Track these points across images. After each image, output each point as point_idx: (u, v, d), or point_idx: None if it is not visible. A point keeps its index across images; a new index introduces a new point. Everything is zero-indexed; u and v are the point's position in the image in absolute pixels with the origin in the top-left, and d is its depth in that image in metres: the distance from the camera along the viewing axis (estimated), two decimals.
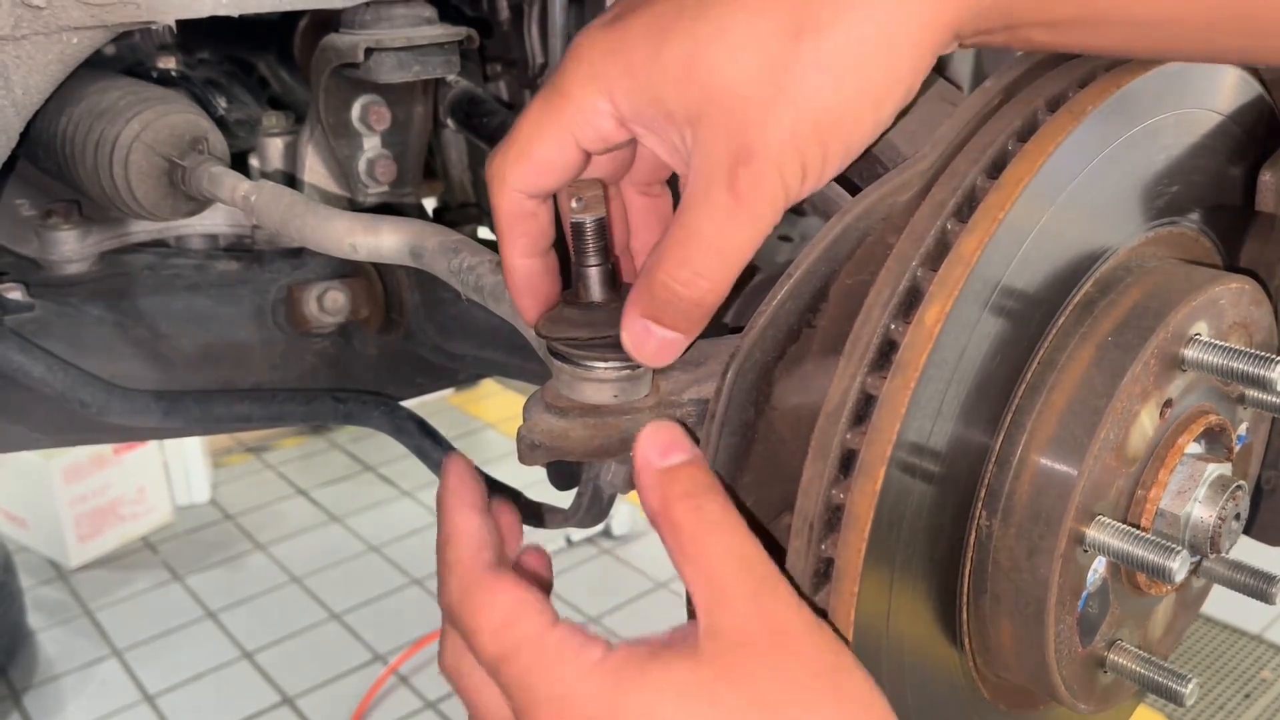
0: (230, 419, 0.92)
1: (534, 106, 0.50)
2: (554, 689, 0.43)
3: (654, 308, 0.48)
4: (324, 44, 0.86)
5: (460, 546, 0.50)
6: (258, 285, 0.95)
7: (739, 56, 0.44)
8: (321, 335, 0.97)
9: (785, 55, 0.43)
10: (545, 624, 0.45)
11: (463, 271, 0.62)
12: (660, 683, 0.42)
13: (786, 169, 0.45)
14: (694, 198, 0.46)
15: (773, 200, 0.45)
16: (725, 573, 0.44)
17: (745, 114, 0.44)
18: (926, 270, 0.48)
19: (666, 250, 0.47)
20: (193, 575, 3.10)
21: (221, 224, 0.97)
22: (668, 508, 0.45)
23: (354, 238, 0.67)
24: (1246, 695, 2.19)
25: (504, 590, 0.46)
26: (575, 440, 0.54)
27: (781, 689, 0.42)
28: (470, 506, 0.52)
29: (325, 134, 0.91)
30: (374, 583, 3.02)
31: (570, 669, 0.43)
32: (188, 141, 0.83)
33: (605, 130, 0.48)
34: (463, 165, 1.13)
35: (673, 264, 0.47)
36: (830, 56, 0.43)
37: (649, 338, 0.49)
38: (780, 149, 0.44)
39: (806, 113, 0.44)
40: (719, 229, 0.46)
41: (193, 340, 0.95)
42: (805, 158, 0.45)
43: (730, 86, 0.44)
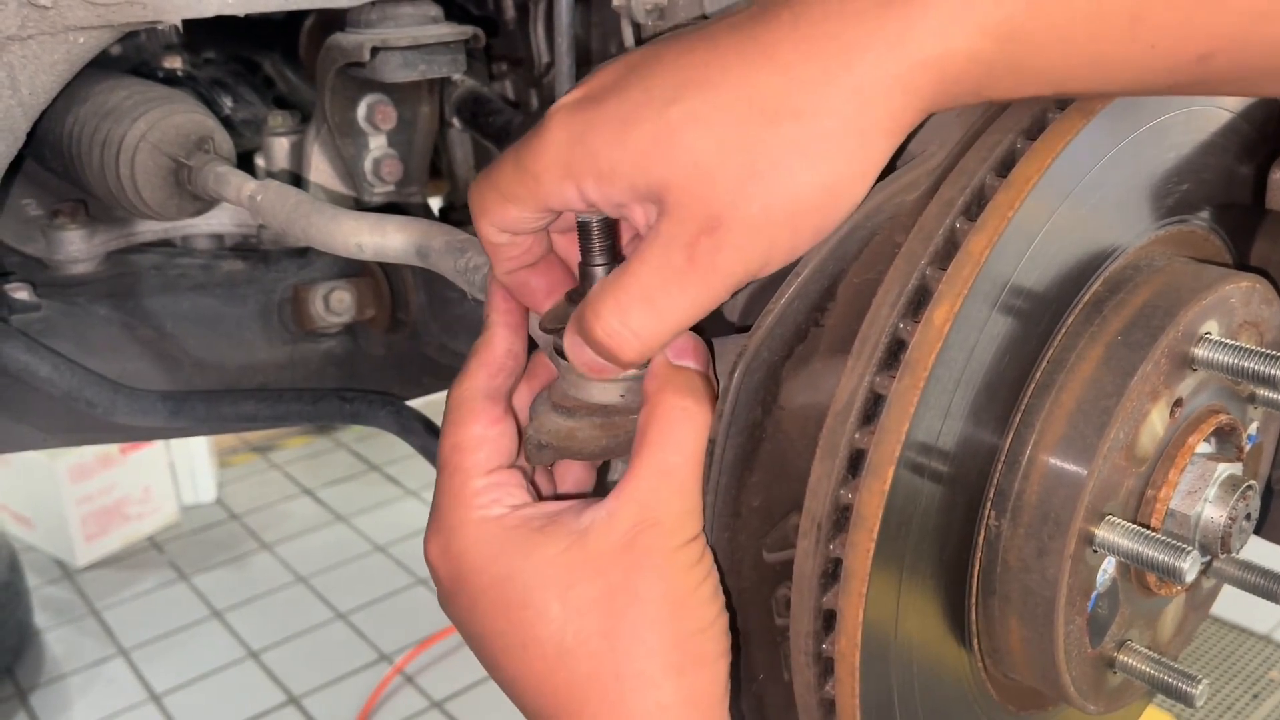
0: (236, 419, 0.92)
1: (506, 167, 0.49)
2: (451, 520, 0.50)
3: (582, 337, 0.48)
4: (329, 43, 0.86)
5: (480, 358, 0.55)
6: (264, 285, 0.95)
7: (711, 135, 0.43)
8: (328, 335, 0.97)
9: (760, 138, 0.43)
10: (477, 465, 0.51)
11: (468, 271, 0.62)
12: (534, 551, 0.48)
13: (751, 247, 0.44)
14: (648, 251, 0.45)
15: (728, 274, 0.45)
16: (653, 483, 0.47)
17: (716, 188, 0.43)
18: (935, 269, 0.47)
19: (604, 293, 0.47)
20: (199, 575, 3.11)
21: (227, 224, 0.97)
22: (661, 391, 0.48)
23: (360, 237, 0.67)
24: (1255, 695, 2.19)
25: (472, 420, 0.52)
26: (582, 440, 0.54)
27: (627, 597, 0.47)
28: (507, 325, 0.56)
29: (331, 133, 0.91)
30: (380, 582, 3.02)
31: (472, 513, 0.50)
32: (194, 141, 0.83)
33: (573, 206, 0.49)
34: (468, 164, 1.13)
35: (606, 308, 0.46)
36: (807, 143, 0.43)
37: (581, 355, 0.49)
38: (749, 226, 0.44)
39: (781, 195, 0.43)
40: (663, 288, 0.45)
41: (199, 340, 0.95)
42: (773, 239, 0.44)
43: (702, 162, 0.43)
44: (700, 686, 0.47)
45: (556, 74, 0.78)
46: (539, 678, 0.48)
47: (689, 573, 0.48)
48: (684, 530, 0.48)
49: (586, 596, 0.47)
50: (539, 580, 0.47)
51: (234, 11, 0.74)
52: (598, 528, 0.47)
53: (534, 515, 0.50)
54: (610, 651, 0.46)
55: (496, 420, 0.53)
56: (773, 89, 0.43)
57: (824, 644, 0.49)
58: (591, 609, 0.47)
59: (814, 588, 0.48)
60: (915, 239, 0.48)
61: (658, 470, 0.48)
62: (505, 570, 0.48)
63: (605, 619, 0.47)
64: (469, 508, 0.50)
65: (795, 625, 0.50)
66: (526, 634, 0.48)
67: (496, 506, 0.51)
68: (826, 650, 0.49)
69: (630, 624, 0.46)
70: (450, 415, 0.54)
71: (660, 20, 0.75)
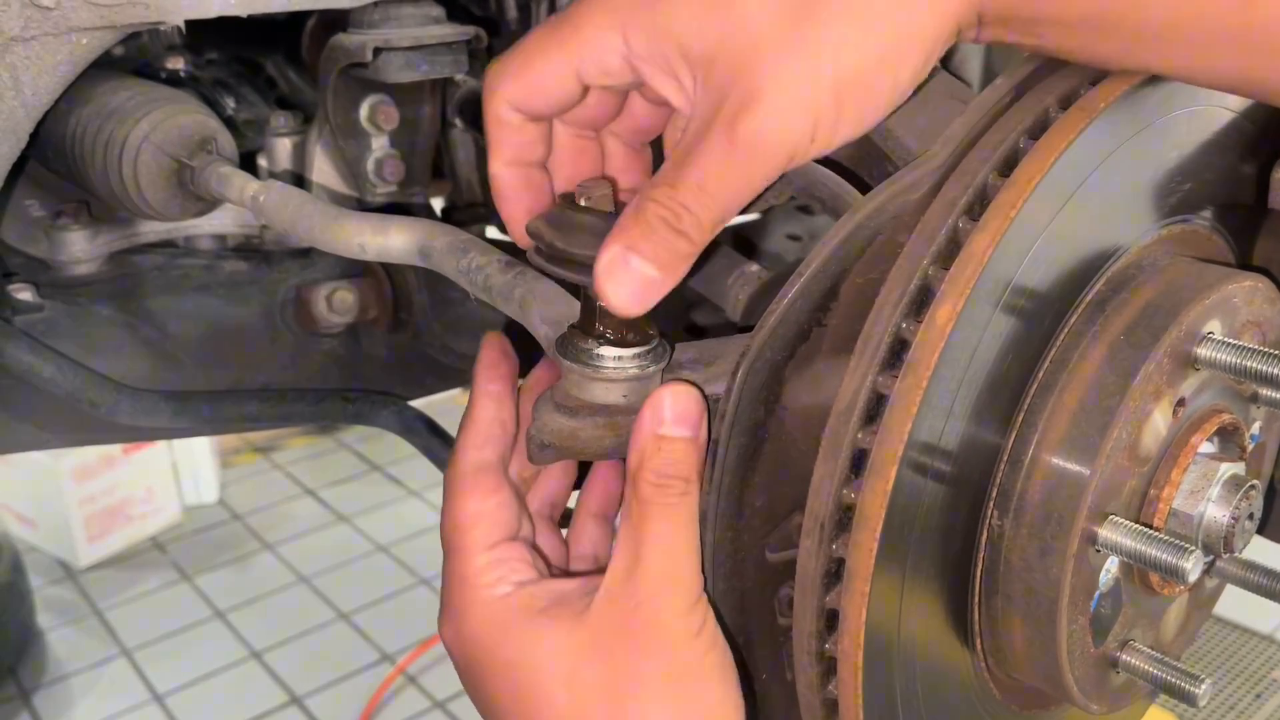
0: (239, 419, 0.92)
1: (541, 30, 0.48)
2: (458, 602, 0.50)
3: (636, 235, 0.45)
4: (332, 44, 0.86)
5: (466, 434, 0.55)
6: (266, 285, 0.95)
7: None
8: (330, 335, 0.97)
9: (812, 6, 0.42)
10: (477, 542, 0.51)
11: (471, 271, 0.62)
12: (539, 637, 0.48)
13: (794, 122, 0.43)
14: (693, 135, 0.44)
15: (772, 153, 0.43)
16: (648, 556, 0.47)
17: (760, 56, 0.42)
18: (938, 268, 0.47)
19: (660, 179, 0.45)
20: (201, 575, 3.11)
21: (230, 224, 0.97)
22: (640, 471, 0.48)
23: (363, 238, 0.67)
24: (1257, 695, 2.18)
25: (466, 496, 0.53)
26: (585, 440, 0.54)
27: (630, 680, 0.46)
28: (490, 395, 0.56)
29: (333, 134, 0.91)
30: (382, 582, 3.02)
31: (478, 593, 0.50)
32: (196, 142, 0.83)
33: (610, 66, 0.47)
34: (471, 165, 1.13)
35: (662, 192, 0.45)
36: (857, 9, 0.42)
37: (624, 269, 0.45)
38: (791, 99, 0.42)
39: (826, 65, 0.42)
40: (712, 171, 0.44)
41: (202, 340, 0.95)
42: (817, 114, 0.43)
43: (749, 26, 0.42)
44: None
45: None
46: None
47: (690, 646, 0.47)
48: (682, 600, 0.47)
49: (591, 681, 0.46)
50: (545, 666, 0.47)
51: (236, 12, 0.74)
52: (598, 610, 0.47)
53: (538, 595, 0.50)
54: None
55: (491, 492, 0.53)
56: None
57: (827, 643, 0.49)
58: (597, 694, 0.46)
59: (817, 587, 0.48)
60: (918, 238, 0.48)
61: (653, 551, 0.47)
62: (513, 655, 0.48)
63: (611, 704, 0.46)
64: (474, 588, 0.50)
65: (798, 625, 0.50)
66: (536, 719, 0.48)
67: (501, 585, 0.50)
68: (829, 650, 0.49)
69: (637, 709, 0.46)
70: (446, 493, 0.54)
71: None
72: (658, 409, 0.48)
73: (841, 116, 0.44)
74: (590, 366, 0.54)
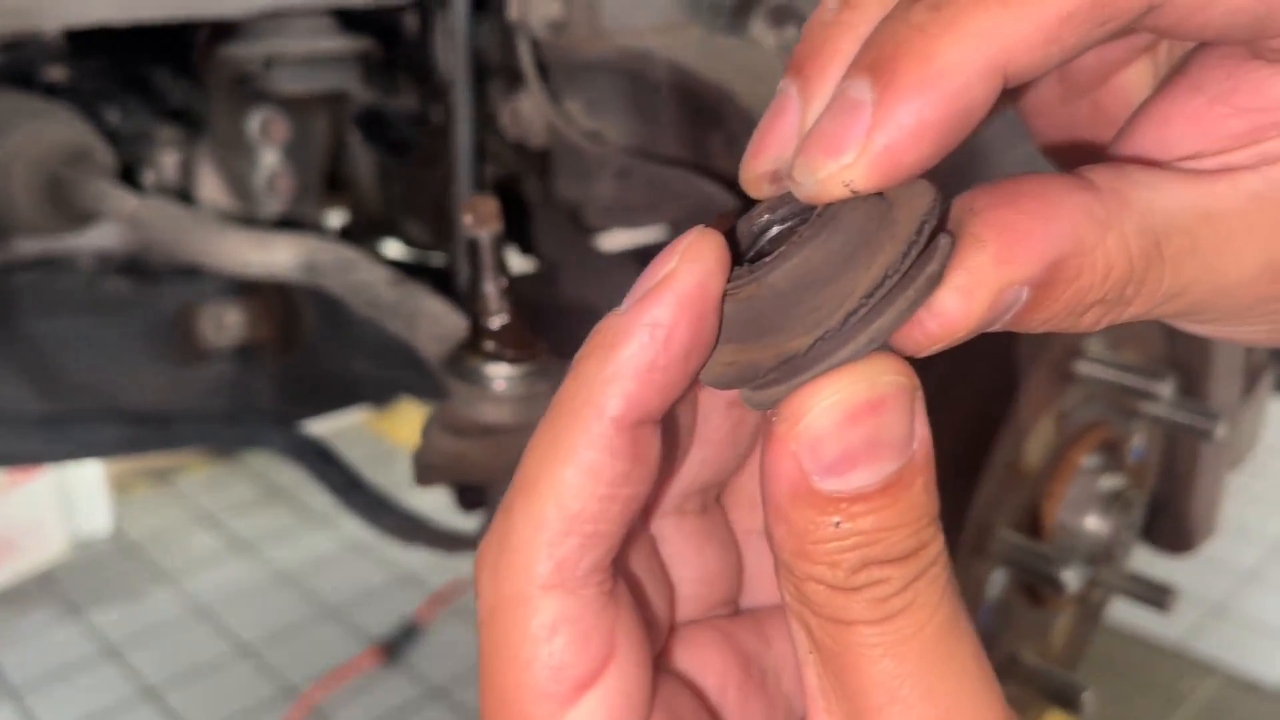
0: (118, 443, 0.88)
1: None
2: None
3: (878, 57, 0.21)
4: (220, 54, 0.83)
5: (520, 532, 0.23)
6: (150, 305, 0.91)
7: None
8: (219, 356, 0.93)
9: None
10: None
11: (357, 287, 0.60)
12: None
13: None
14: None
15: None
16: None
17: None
18: None
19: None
20: (93, 610, 2.97)
21: (113, 241, 0.93)
22: (800, 569, 0.22)
23: (245, 254, 0.65)
24: (1166, 706, 2.26)
25: (535, 641, 0.23)
26: (473, 462, 0.53)
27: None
28: (568, 462, 0.23)
29: (222, 147, 0.88)
30: (286, 613, 2.93)
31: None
32: (71, 155, 0.79)
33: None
34: (372, 179, 1.11)
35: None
36: None
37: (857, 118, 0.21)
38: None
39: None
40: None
41: (80, 362, 0.90)
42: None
43: None
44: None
45: (454, 87, 0.77)
46: None
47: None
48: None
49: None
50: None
51: (115, 21, 0.71)
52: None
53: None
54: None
55: (567, 617, 0.23)
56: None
57: None
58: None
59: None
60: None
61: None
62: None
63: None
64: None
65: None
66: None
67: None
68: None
69: None
70: (493, 623, 0.24)
71: (558, 36, 0.74)
72: (792, 425, 0.21)
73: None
74: (478, 385, 0.53)
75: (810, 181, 0.21)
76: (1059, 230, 0.21)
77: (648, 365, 0.22)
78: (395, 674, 2.44)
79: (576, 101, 0.75)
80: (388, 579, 2.81)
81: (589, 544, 0.22)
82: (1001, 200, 0.21)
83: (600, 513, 0.22)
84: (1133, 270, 0.22)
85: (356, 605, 2.76)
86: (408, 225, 1.03)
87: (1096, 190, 0.22)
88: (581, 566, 0.22)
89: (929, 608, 0.21)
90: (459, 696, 2.39)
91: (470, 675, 2.45)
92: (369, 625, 2.59)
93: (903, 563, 0.21)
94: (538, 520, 0.22)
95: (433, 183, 0.95)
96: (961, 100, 0.20)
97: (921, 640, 0.21)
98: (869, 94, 0.20)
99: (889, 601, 0.21)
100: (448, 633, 2.52)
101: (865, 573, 0.21)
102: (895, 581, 0.21)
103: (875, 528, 0.21)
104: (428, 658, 2.46)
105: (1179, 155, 0.24)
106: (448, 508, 0.84)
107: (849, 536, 0.21)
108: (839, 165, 0.20)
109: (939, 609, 0.21)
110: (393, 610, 2.60)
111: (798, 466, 0.21)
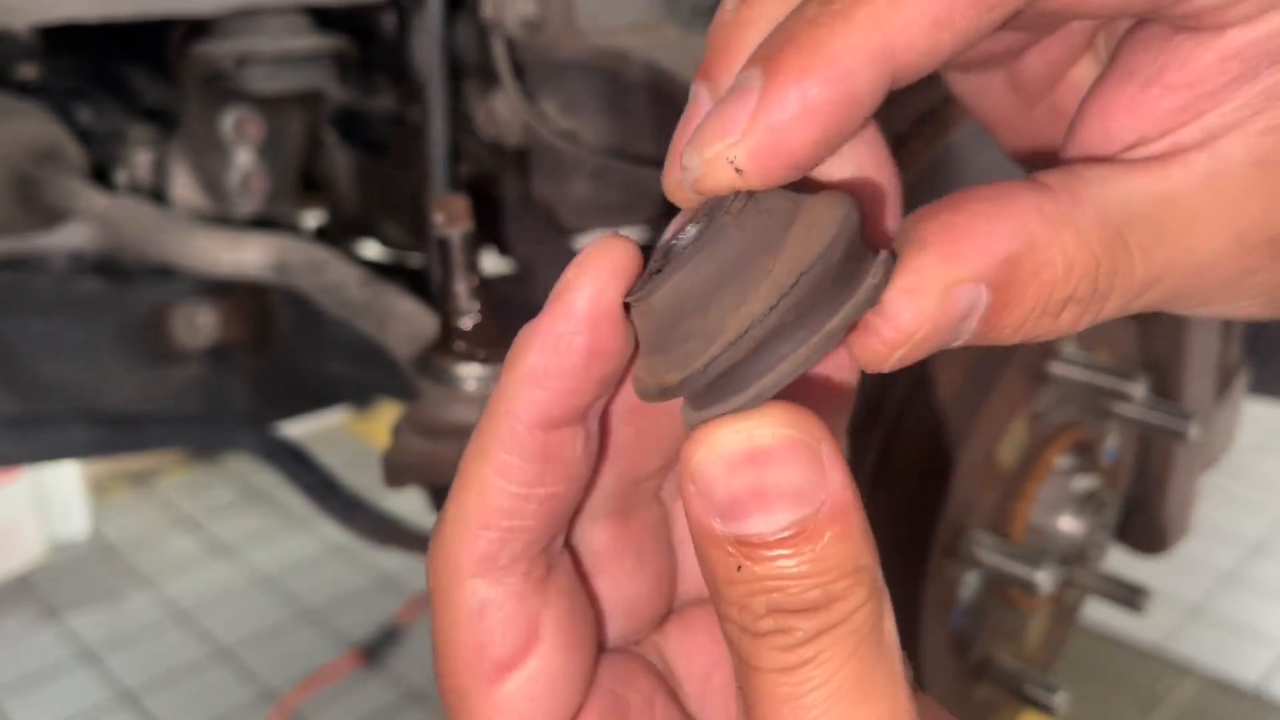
0: (90, 445, 0.87)
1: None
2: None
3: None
4: (193, 53, 0.83)
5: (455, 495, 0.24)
6: (123, 305, 0.90)
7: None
8: (192, 356, 0.92)
9: None
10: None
11: (329, 287, 0.59)
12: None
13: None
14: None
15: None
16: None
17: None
18: None
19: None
20: (71, 613, 2.94)
21: (86, 241, 0.92)
22: (721, 608, 0.22)
23: (215, 254, 0.64)
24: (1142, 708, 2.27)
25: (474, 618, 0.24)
26: (444, 463, 0.52)
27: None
28: (485, 462, 0.23)
29: (196, 146, 0.87)
30: (266, 616, 2.91)
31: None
32: (42, 153, 0.79)
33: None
34: (349, 179, 1.10)
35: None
36: None
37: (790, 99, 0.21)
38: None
39: None
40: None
41: (52, 363, 0.89)
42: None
43: None
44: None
45: (429, 86, 0.77)
46: None
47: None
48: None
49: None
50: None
51: (86, 17, 0.70)
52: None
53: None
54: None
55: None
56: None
57: None
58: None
59: None
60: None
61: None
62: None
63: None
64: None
65: None
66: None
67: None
68: None
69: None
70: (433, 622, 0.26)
71: (534, 35, 0.74)
72: (689, 461, 0.21)
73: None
74: (449, 385, 0.52)
75: (696, 163, 0.21)
76: (1007, 229, 0.21)
77: (544, 372, 0.22)
78: (375, 677, 2.42)
79: (552, 101, 0.74)
80: (368, 582, 2.80)
81: (508, 537, 0.23)
82: (946, 208, 0.21)
83: (516, 510, 0.23)
84: (1098, 263, 0.22)
85: (336, 608, 2.74)
86: (385, 226, 1.03)
87: (1047, 189, 0.22)
88: (502, 557, 0.23)
89: (835, 662, 0.21)
90: (438, 700, 2.37)
91: None
92: (349, 628, 2.58)
93: (810, 614, 0.20)
94: (462, 513, 0.23)
95: (410, 183, 0.94)
96: (847, 85, 0.20)
97: (825, 695, 0.20)
98: (759, 81, 0.21)
99: (793, 651, 0.21)
100: (427, 636, 2.51)
101: (771, 619, 0.20)
102: (800, 633, 0.20)
103: (777, 575, 0.20)
104: (408, 661, 2.45)
105: (1125, 144, 0.23)
106: (427, 510, 0.84)
107: (753, 581, 0.20)
108: (724, 145, 0.20)
109: (848, 664, 0.21)
110: (373, 613, 2.59)
111: (697, 504, 0.21)
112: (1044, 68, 0.28)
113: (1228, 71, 0.22)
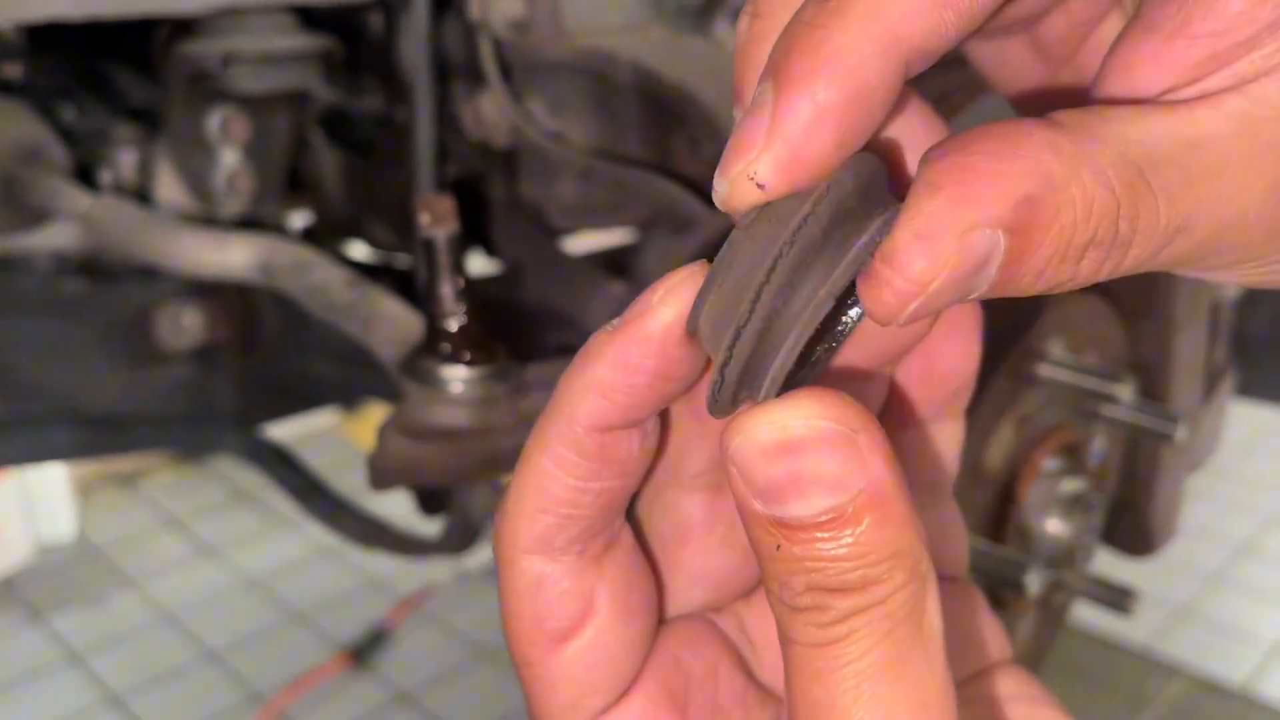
0: (75, 447, 0.86)
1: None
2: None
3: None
4: (178, 52, 0.82)
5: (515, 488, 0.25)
6: (107, 306, 0.89)
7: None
8: (177, 358, 0.92)
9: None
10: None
11: (314, 288, 0.59)
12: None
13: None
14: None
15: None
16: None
17: None
18: None
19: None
20: (56, 615, 2.93)
21: (70, 241, 0.91)
22: (771, 587, 0.22)
23: (200, 254, 0.64)
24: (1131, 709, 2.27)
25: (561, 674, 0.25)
26: (430, 465, 0.52)
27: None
28: (544, 452, 0.24)
29: (181, 146, 0.86)
30: (253, 619, 2.90)
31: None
32: (26, 153, 0.78)
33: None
34: (336, 180, 1.10)
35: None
36: None
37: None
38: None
39: None
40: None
41: (36, 364, 0.89)
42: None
43: None
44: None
45: (416, 86, 0.76)
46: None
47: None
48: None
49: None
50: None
51: (71, 18, 0.70)
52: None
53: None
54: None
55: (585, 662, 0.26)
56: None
57: None
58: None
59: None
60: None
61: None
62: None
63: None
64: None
65: None
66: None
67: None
68: None
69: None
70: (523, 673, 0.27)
71: (521, 35, 0.73)
72: (728, 446, 0.21)
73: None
74: (434, 387, 0.52)
75: (723, 185, 0.21)
76: (1022, 168, 0.20)
77: (610, 386, 0.23)
78: (363, 680, 2.42)
79: (539, 102, 0.74)
80: (356, 584, 2.79)
81: (564, 524, 0.24)
82: (955, 148, 0.20)
83: (572, 500, 0.24)
84: (1118, 202, 0.20)
85: (324, 610, 2.73)
86: (373, 227, 1.02)
87: (1063, 127, 0.20)
88: (559, 540, 0.24)
89: (868, 642, 0.21)
90: (428, 703, 2.37)
91: (439, 681, 2.43)
92: (337, 630, 2.57)
93: (845, 594, 0.21)
94: (521, 496, 0.24)
95: (397, 184, 0.94)
96: (855, 80, 0.20)
97: (856, 671, 0.21)
98: (770, 94, 0.21)
99: (828, 629, 0.21)
100: (416, 638, 2.51)
101: (809, 596, 0.21)
102: (835, 611, 0.21)
103: (815, 556, 0.21)
104: (396, 663, 2.44)
105: (1151, 96, 0.22)
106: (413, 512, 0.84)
107: (792, 560, 0.21)
108: (744, 164, 0.21)
109: (881, 644, 0.21)
110: (361, 615, 2.58)
111: (738, 485, 0.21)
112: (1068, 28, 0.27)
113: (1259, 19, 0.21)
